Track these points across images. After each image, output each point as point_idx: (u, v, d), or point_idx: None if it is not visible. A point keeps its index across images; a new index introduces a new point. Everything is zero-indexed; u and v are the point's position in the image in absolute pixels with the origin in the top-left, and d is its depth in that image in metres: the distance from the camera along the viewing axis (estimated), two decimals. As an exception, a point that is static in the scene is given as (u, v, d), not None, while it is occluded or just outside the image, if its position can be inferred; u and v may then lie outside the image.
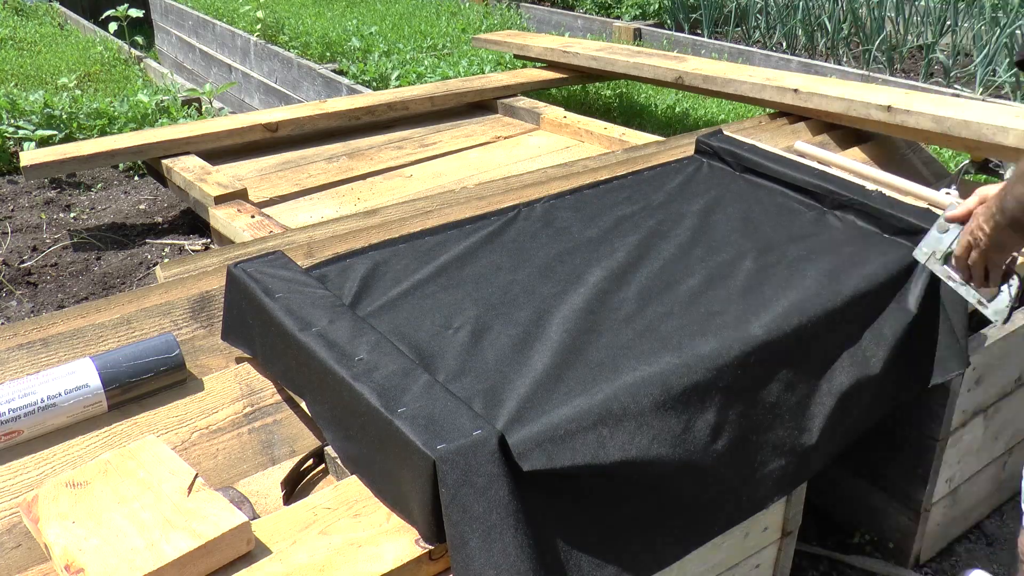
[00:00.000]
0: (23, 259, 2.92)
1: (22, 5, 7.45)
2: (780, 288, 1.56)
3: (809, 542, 1.92)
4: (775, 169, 2.09)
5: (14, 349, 1.54)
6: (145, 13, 6.04)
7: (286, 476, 1.29)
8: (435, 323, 1.45)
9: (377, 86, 4.70)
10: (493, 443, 1.08)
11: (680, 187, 2.08)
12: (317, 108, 3.42)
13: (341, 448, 1.26)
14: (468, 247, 1.74)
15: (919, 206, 1.80)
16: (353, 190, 2.87)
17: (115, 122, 3.92)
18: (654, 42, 6.11)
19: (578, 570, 1.12)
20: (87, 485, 1.16)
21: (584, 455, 1.16)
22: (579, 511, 1.16)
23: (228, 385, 1.51)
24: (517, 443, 1.13)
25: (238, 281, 1.54)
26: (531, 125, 3.57)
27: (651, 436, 1.22)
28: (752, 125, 2.95)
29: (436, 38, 5.82)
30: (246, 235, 2.29)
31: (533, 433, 1.15)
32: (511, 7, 7.42)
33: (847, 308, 1.55)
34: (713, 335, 1.40)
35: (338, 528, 1.14)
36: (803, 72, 4.20)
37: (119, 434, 1.38)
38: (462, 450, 1.07)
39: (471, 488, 1.06)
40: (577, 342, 1.39)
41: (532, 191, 2.23)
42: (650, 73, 3.59)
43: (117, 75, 5.40)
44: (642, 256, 1.70)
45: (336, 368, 1.24)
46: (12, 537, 1.19)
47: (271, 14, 5.96)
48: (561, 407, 1.21)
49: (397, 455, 1.12)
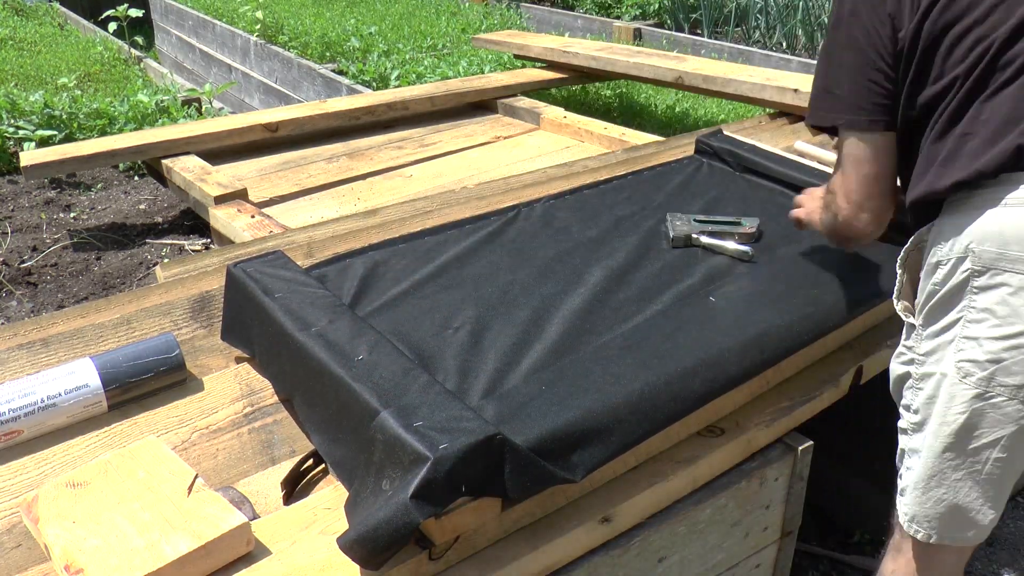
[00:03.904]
0: (23, 259, 2.92)
1: (22, 5, 7.45)
2: (780, 288, 1.57)
3: (809, 542, 1.92)
4: (775, 169, 2.09)
5: (14, 349, 1.54)
6: (145, 13, 6.04)
7: (286, 476, 1.29)
8: (435, 323, 1.45)
9: (377, 86, 4.70)
10: (493, 443, 1.08)
11: (680, 187, 2.08)
12: (317, 108, 3.42)
13: (328, 452, 1.26)
14: (468, 247, 1.74)
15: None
16: (353, 190, 2.87)
17: (115, 122, 3.92)
18: (654, 42, 6.11)
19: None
20: (87, 485, 1.16)
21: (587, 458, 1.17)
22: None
23: (228, 385, 1.51)
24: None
25: (238, 281, 1.54)
26: (531, 125, 3.57)
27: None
28: (752, 125, 2.96)
29: (436, 38, 5.82)
30: (246, 235, 2.29)
31: (532, 435, 1.15)
32: (511, 7, 7.42)
33: (847, 308, 1.55)
34: (713, 337, 1.40)
35: (338, 528, 1.13)
36: (803, 72, 4.20)
37: (119, 434, 1.38)
38: (462, 450, 1.07)
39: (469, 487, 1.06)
40: (576, 343, 1.39)
41: (532, 191, 2.23)
42: (650, 73, 3.60)
43: (117, 75, 5.40)
44: (642, 256, 1.70)
45: (335, 368, 1.24)
46: (12, 537, 1.19)
47: (270, 14, 5.95)
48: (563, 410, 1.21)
49: (391, 456, 1.12)
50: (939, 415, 1.15)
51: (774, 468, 1.44)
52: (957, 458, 1.15)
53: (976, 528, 1.18)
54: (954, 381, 1.12)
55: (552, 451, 1.14)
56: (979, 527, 1.18)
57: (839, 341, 1.62)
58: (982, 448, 1.12)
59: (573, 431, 1.17)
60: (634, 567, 1.30)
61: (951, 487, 1.16)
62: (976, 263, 1.09)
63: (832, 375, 1.56)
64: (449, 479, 1.03)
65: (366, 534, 1.02)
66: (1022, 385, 1.07)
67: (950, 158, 1.13)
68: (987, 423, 1.11)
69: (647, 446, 1.30)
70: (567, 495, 1.24)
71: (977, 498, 1.16)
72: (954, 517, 1.18)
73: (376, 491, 1.06)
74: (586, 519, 1.22)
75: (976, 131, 1.11)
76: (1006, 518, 2.07)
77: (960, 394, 1.11)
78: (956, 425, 1.13)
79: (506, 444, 1.09)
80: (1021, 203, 1.07)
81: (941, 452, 1.16)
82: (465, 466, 1.04)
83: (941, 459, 1.16)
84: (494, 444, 1.08)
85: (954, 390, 1.12)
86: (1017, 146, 1.06)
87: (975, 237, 1.09)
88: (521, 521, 1.20)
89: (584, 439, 1.17)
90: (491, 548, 1.17)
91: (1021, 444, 1.12)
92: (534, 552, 1.17)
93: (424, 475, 1.01)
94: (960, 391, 1.11)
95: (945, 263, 1.13)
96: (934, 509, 1.19)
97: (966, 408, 1.11)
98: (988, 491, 1.15)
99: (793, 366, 1.53)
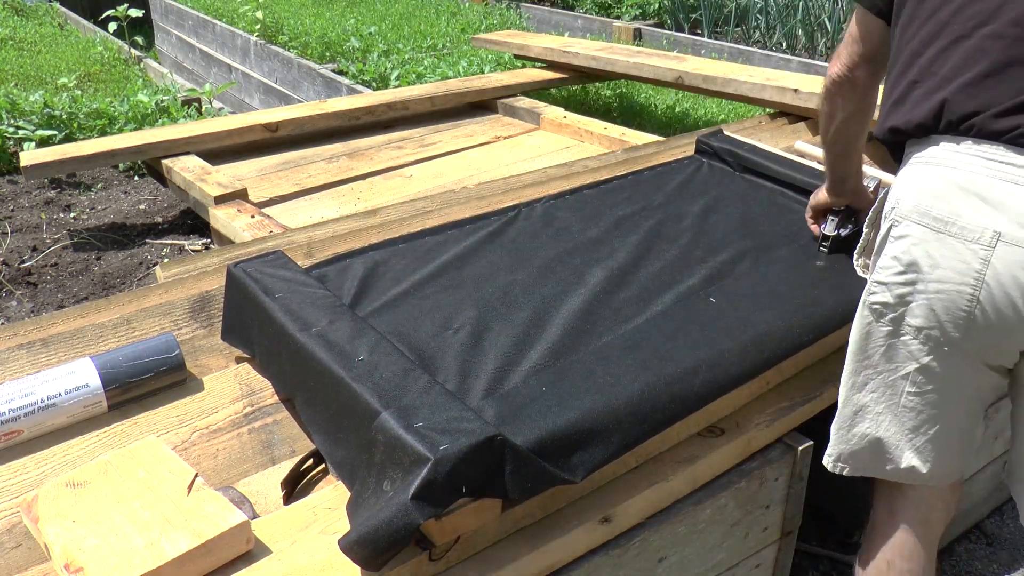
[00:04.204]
0: (23, 259, 2.92)
1: (22, 5, 7.44)
2: (780, 288, 1.57)
3: (809, 542, 1.92)
4: (775, 169, 2.09)
5: (14, 349, 1.54)
6: (145, 13, 6.04)
7: (286, 476, 1.29)
8: (435, 323, 1.45)
9: (377, 86, 4.69)
10: (494, 444, 1.08)
11: (680, 187, 2.08)
12: (317, 108, 3.42)
13: (329, 452, 1.26)
14: (468, 247, 1.74)
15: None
16: (353, 190, 2.87)
17: (115, 122, 3.92)
18: (654, 42, 6.11)
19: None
20: (87, 485, 1.16)
21: (587, 458, 1.16)
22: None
23: (228, 385, 1.51)
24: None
25: (238, 281, 1.54)
26: (531, 125, 3.57)
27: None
28: (752, 125, 2.96)
29: (436, 38, 5.82)
30: (246, 235, 2.29)
31: (532, 436, 1.15)
32: (511, 7, 7.42)
33: (847, 308, 1.55)
34: (713, 337, 1.40)
35: (338, 528, 1.13)
36: (803, 72, 4.20)
37: (119, 434, 1.38)
38: (463, 451, 1.07)
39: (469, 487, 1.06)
40: (577, 343, 1.39)
41: (532, 191, 2.23)
42: (650, 73, 3.59)
43: (117, 75, 5.40)
44: (642, 256, 1.70)
45: (336, 368, 1.24)
46: (12, 537, 1.19)
47: (270, 14, 5.95)
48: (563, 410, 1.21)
49: (392, 457, 1.12)
50: (860, 351, 1.27)
51: (774, 468, 1.44)
52: (876, 391, 1.26)
53: (899, 464, 1.28)
54: (870, 320, 1.24)
55: (552, 452, 1.14)
56: (904, 464, 1.27)
57: (839, 341, 1.62)
58: (897, 381, 1.24)
59: (573, 432, 1.17)
60: (634, 567, 1.30)
61: (874, 420, 1.28)
62: (897, 213, 1.21)
63: (832, 375, 1.56)
64: (450, 480, 1.03)
65: (366, 535, 1.02)
66: (920, 327, 1.19)
67: (898, 102, 1.25)
68: (899, 358, 1.22)
69: (647, 446, 1.30)
70: (567, 495, 1.24)
71: (897, 432, 1.26)
72: (876, 452, 1.29)
73: (377, 492, 1.06)
74: (586, 519, 1.22)
75: (923, 80, 1.21)
76: (1006, 518, 2.07)
77: (876, 331, 1.24)
78: (875, 359, 1.25)
79: (506, 445, 1.09)
80: (937, 162, 1.17)
81: (863, 386, 1.28)
82: (466, 467, 1.04)
83: (864, 393, 1.28)
84: (494, 445, 1.08)
85: (871, 328, 1.24)
86: (942, 101, 1.16)
87: (904, 190, 1.21)
88: (521, 521, 1.20)
89: (584, 440, 1.17)
90: (491, 548, 1.17)
91: (931, 384, 1.22)
92: (534, 552, 1.17)
93: (425, 476, 1.01)
94: (876, 329, 1.24)
95: (886, 215, 1.24)
96: (858, 445, 1.31)
97: (883, 344, 1.23)
98: (907, 424, 1.25)
99: (793, 366, 1.53)
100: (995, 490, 2.03)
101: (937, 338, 1.18)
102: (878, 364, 1.25)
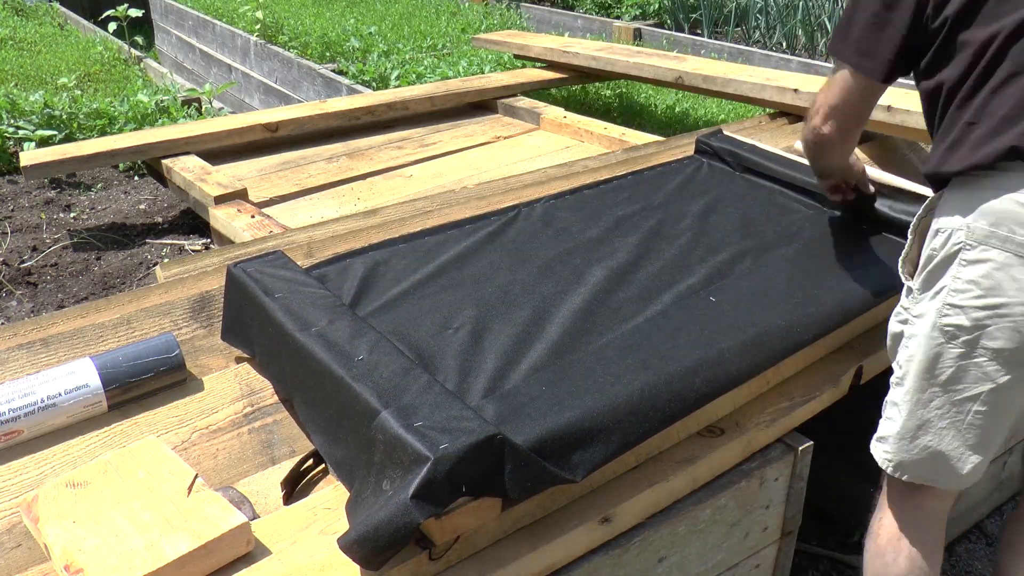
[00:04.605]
0: (23, 259, 2.92)
1: (22, 5, 7.44)
2: (780, 288, 1.57)
3: (809, 542, 1.92)
4: (775, 169, 2.09)
5: (14, 349, 1.54)
6: (145, 13, 6.04)
7: (286, 476, 1.29)
8: (435, 323, 1.45)
9: (377, 86, 4.69)
10: (493, 443, 1.08)
11: (680, 187, 2.08)
12: (317, 108, 3.42)
13: (329, 452, 1.26)
14: (468, 247, 1.74)
15: (917, 205, 1.80)
16: (353, 190, 2.87)
17: (115, 122, 3.92)
18: (654, 42, 6.11)
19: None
20: (87, 485, 1.16)
21: (587, 458, 1.16)
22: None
23: (228, 385, 1.51)
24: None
25: (238, 281, 1.54)
26: (531, 125, 3.57)
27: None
28: (752, 125, 2.96)
29: (436, 38, 5.82)
30: (246, 235, 2.29)
31: (532, 435, 1.15)
32: (511, 7, 7.42)
33: (847, 308, 1.55)
34: (713, 336, 1.40)
35: (338, 528, 1.13)
36: (803, 72, 4.20)
37: (119, 434, 1.38)
38: (463, 450, 1.07)
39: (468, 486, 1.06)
40: (577, 342, 1.39)
41: (532, 191, 2.23)
42: (650, 73, 3.60)
43: (117, 75, 5.40)
44: (642, 256, 1.70)
45: (335, 368, 1.24)
46: (12, 537, 1.19)
47: (270, 14, 5.95)
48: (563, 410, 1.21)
49: (392, 456, 1.12)
50: (928, 371, 1.26)
51: (774, 468, 1.44)
52: (942, 408, 1.27)
53: (955, 475, 1.29)
54: (941, 341, 1.24)
55: (552, 451, 1.14)
56: (959, 474, 1.29)
57: (839, 341, 1.62)
58: (965, 401, 1.24)
59: (573, 431, 1.17)
60: (634, 567, 1.30)
61: (936, 435, 1.28)
62: (968, 237, 1.20)
63: (832, 375, 1.57)
64: (449, 479, 1.03)
65: (366, 534, 1.02)
66: (1002, 349, 1.19)
67: (955, 145, 1.24)
68: (970, 379, 1.23)
69: (647, 446, 1.30)
70: (567, 495, 1.24)
71: (959, 446, 1.28)
72: (936, 463, 1.30)
73: (377, 491, 1.06)
74: (586, 519, 1.22)
75: (981, 121, 1.21)
76: (1006, 518, 2.07)
77: (947, 352, 1.24)
78: (943, 379, 1.25)
79: (506, 444, 1.09)
80: (1011, 192, 1.18)
81: (929, 403, 1.28)
82: (465, 466, 1.04)
83: (928, 410, 1.28)
84: (494, 444, 1.08)
85: (941, 349, 1.24)
86: (1011, 147, 1.16)
87: (971, 213, 1.20)
88: (521, 521, 1.20)
89: (584, 439, 1.17)
90: (491, 548, 1.17)
91: (999, 402, 1.23)
92: (534, 552, 1.17)
93: (424, 475, 1.01)
94: (947, 350, 1.24)
95: (944, 231, 1.23)
96: (920, 455, 1.31)
97: (952, 365, 1.24)
98: (969, 440, 1.27)
99: (793, 366, 1.53)
100: (995, 490, 2.03)
101: (1020, 360, 1.20)
102: (945, 384, 1.25)
